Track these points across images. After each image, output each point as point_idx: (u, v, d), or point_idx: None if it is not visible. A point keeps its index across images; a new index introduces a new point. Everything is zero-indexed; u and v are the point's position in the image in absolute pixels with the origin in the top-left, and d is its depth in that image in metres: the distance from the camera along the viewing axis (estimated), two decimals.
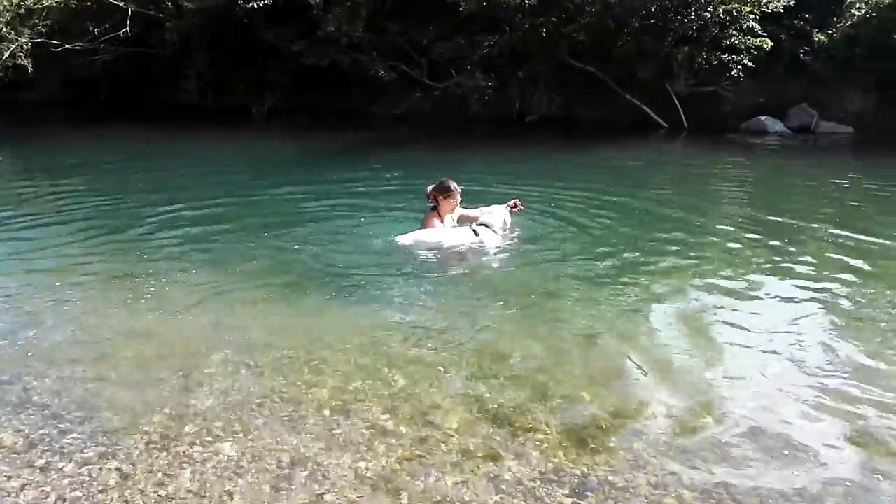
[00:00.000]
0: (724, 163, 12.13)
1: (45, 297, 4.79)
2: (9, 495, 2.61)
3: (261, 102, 18.72)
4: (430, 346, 3.97)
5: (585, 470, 2.80)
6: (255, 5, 15.87)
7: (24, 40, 16.15)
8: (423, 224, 5.94)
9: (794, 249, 6.01)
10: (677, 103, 16.12)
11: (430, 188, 5.99)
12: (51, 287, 5.01)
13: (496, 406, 3.28)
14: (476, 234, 5.85)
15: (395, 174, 10.03)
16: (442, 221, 5.92)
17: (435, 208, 5.96)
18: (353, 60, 16.88)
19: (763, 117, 15.81)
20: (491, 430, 3.08)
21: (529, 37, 15.80)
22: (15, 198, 8.80)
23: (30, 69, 16.23)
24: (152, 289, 4.96)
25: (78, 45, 17.33)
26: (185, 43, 18.28)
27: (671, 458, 2.88)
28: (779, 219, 7.16)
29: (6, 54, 16.01)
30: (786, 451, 2.94)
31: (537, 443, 2.99)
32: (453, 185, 5.94)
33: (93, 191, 9.05)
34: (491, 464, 2.84)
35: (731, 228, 6.87)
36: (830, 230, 6.69)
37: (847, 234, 6.56)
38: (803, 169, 11.72)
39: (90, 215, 7.53)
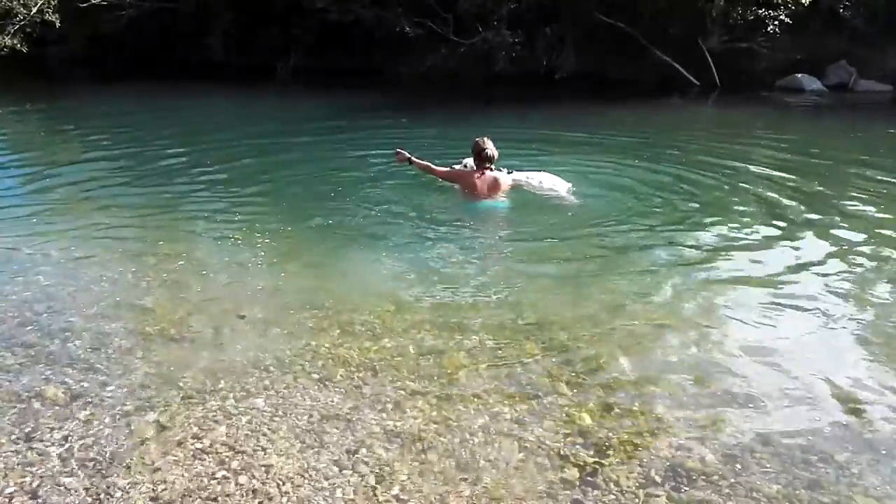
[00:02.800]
0: (758, 123, 11.83)
1: (80, 253, 4.94)
2: (53, 446, 2.73)
3: (285, 60, 18.61)
4: (458, 308, 4.01)
5: (609, 432, 2.84)
6: None
7: None
8: (498, 181, 5.96)
9: (832, 217, 5.87)
10: (710, 61, 15.67)
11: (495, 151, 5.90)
12: (85, 243, 5.16)
13: (523, 369, 3.33)
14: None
15: (423, 131, 9.99)
16: None
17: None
18: (379, 16, 16.64)
19: (799, 75, 15.34)
20: (516, 392, 3.13)
21: None
22: (47, 154, 8.95)
23: (57, 24, 16.26)
24: (184, 247, 5.07)
25: (104, 1, 17.30)
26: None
27: (695, 423, 2.91)
28: (815, 182, 6.99)
29: (34, 9, 16.06)
30: (816, 417, 2.94)
31: (562, 405, 3.03)
32: None
33: (123, 148, 9.16)
34: (516, 425, 2.90)
35: (766, 192, 6.71)
36: (870, 196, 6.53)
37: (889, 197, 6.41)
38: (842, 129, 11.40)
39: (121, 173, 7.66)
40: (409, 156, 6.19)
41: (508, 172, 6.13)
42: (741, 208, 6.13)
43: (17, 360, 3.40)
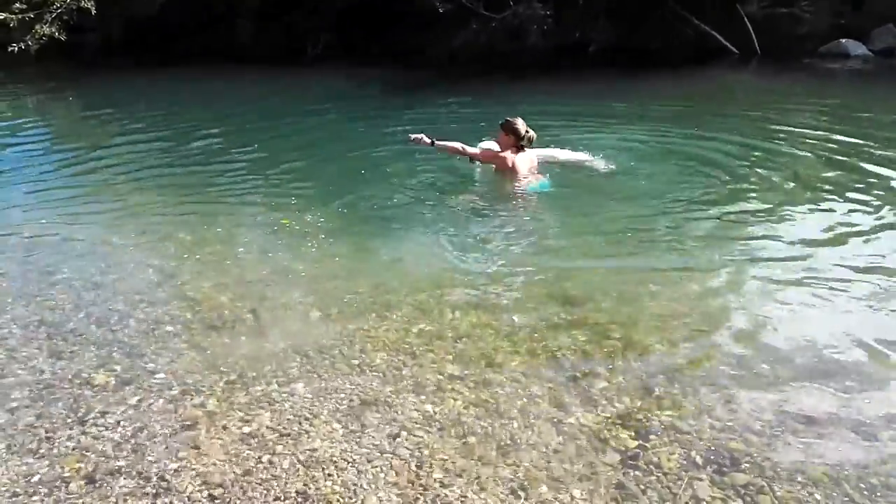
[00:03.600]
0: (801, 90, 11.46)
1: (123, 238, 5.07)
2: (106, 430, 2.83)
3: (314, 41, 18.62)
4: (494, 289, 4.01)
5: (650, 415, 2.83)
6: None
7: None
8: (534, 161, 5.93)
9: (880, 197, 5.66)
10: (749, 27, 15.17)
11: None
12: (127, 229, 5.29)
13: (561, 351, 3.32)
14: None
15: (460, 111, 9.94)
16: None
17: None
18: None
19: (844, 40, 14.73)
20: (556, 375, 3.13)
21: None
22: (87, 139, 9.14)
23: (93, 11, 16.50)
24: (222, 232, 5.15)
25: None
26: None
27: (738, 404, 2.87)
28: (864, 154, 6.68)
29: None
30: (864, 398, 2.88)
31: (602, 388, 3.02)
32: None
33: (159, 132, 9.29)
34: (555, 408, 2.90)
35: (812, 165, 6.49)
36: None
37: None
38: (890, 96, 10.96)
39: (159, 158, 7.78)
40: (427, 139, 5.64)
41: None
42: (790, 183, 5.93)
43: (68, 347, 3.52)
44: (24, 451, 2.71)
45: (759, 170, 6.33)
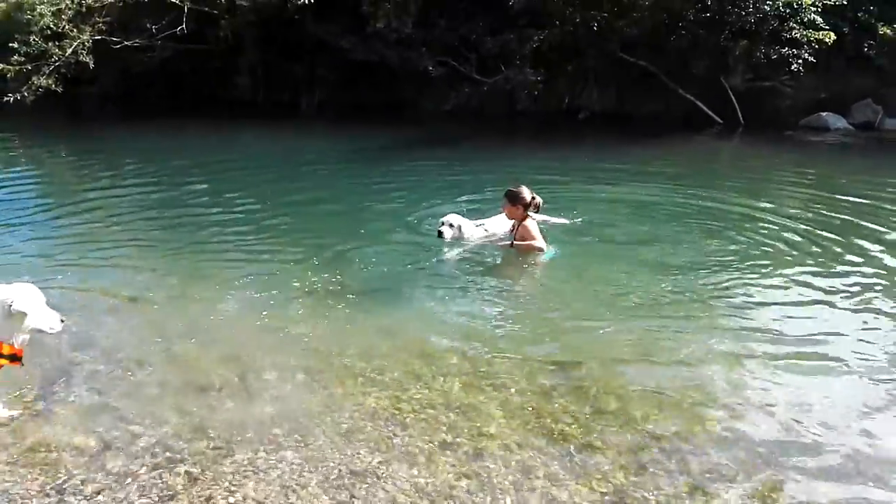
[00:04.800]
0: (783, 163, 11.74)
1: (109, 297, 4.97)
2: (85, 500, 2.72)
3: (310, 97, 19.01)
4: (487, 355, 3.97)
5: (645, 493, 2.77)
6: (307, 1, 16.02)
7: (85, 37, 16.67)
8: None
9: (861, 264, 5.74)
10: (733, 99, 15.66)
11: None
12: (113, 288, 5.18)
13: (555, 422, 3.27)
14: None
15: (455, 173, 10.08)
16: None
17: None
18: (402, 56, 16.93)
19: (824, 113, 15.23)
20: (550, 447, 3.08)
21: (580, 31, 15.60)
22: (78, 194, 9.10)
23: (91, 65, 16.72)
24: (212, 291, 5.08)
25: (136, 42, 17.80)
26: (238, 39, 18.66)
27: (735, 484, 2.82)
28: (843, 228, 6.84)
29: (69, 51, 16.53)
30: (861, 480, 2.85)
31: (597, 463, 2.97)
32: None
33: (153, 189, 9.29)
34: (549, 483, 2.84)
35: (793, 239, 6.62)
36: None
37: None
38: (868, 168, 11.24)
39: (149, 215, 7.74)
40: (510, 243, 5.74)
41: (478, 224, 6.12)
42: (783, 250, 6.07)
43: (48, 407, 3.42)
44: None
45: (753, 235, 6.48)
